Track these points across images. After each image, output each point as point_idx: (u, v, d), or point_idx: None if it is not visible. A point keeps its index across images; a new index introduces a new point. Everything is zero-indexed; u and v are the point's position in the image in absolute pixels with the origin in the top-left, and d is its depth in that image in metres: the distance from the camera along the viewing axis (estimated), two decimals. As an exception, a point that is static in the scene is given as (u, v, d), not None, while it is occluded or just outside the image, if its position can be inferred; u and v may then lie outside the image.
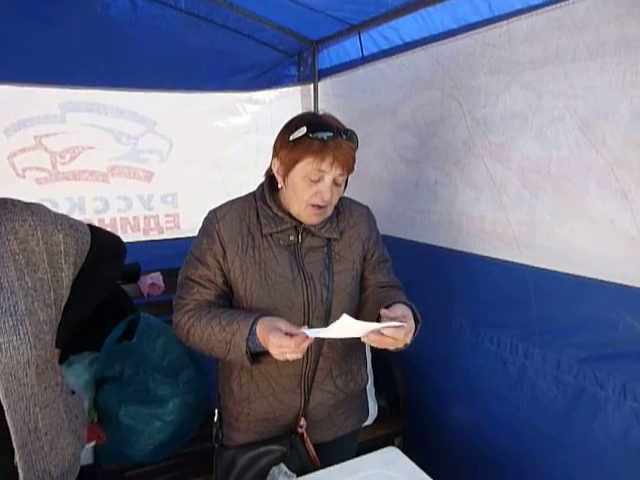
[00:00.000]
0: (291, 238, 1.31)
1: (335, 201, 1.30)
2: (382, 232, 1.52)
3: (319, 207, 1.26)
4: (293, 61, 2.66)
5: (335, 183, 1.25)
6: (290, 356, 1.11)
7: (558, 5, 1.37)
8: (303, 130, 1.22)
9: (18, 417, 1.03)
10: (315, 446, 1.40)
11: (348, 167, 1.25)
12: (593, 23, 1.29)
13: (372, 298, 1.39)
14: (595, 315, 1.41)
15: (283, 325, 1.12)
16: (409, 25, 1.89)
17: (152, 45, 2.25)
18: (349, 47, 2.32)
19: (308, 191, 1.24)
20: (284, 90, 2.70)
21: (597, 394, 1.42)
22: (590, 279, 1.40)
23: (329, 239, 1.35)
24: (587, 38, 1.32)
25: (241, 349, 1.17)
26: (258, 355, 1.20)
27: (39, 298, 1.05)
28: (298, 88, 2.72)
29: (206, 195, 2.52)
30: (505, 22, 1.54)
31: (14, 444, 1.03)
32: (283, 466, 1.27)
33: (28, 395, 1.04)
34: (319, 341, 1.29)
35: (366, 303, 1.39)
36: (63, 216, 1.15)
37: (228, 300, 1.34)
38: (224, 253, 1.28)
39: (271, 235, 1.30)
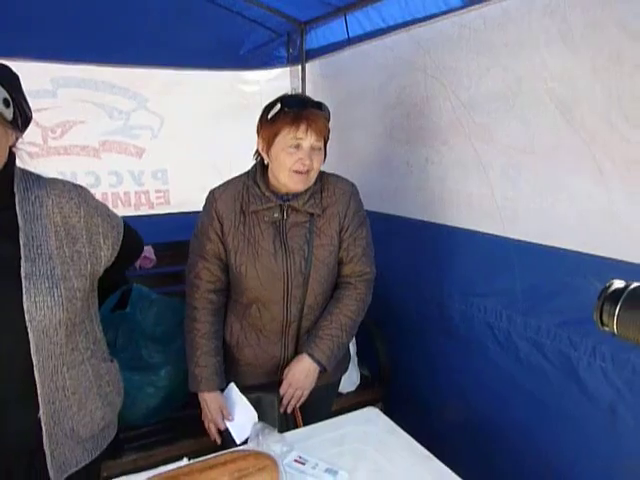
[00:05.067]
0: (275, 215, 1.45)
1: (317, 166, 1.43)
2: (374, 209, 1.64)
3: (302, 173, 1.40)
4: (282, 42, 2.70)
5: (313, 149, 1.40)
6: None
7: (529, -11, 1.43)
8: (278, 106, 1.38)
9: (46, 374, 1.11)
10: None
11: (322, 133, 1.40)
12: (561, 8, 1.36)
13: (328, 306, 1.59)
14: (570, 283, 1.49)
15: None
16: (392, 7, 1.95)
17: (143, 21, 2.27)
18: (335, 28, 2.36)
19: (289, 160, 1.38)
20: (273, 71, 2.74)
21: (571, 355, 1.52)
22: (567, 250, 1.49)
23: (312, 215, 1.48)
24: (557, 22, 1.38)
25: (190, 381, 1.54)
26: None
27: (75, 267, 1.14)
28: (287, 69, 2.76)
29: (196, 172, 2.57)
30: (479, 5, 1.59)
31: (39, 399, 1.10)
32: (264, 424, 1.37)
33: (57, 354, 1.12)
34: (301, 301, 1.50)
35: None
36: (103, 205, 1.25)
37: (228, 274, 1.53)
38: (222, 227, 1.46)
39: (257, 212, 1.45)
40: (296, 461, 1.25)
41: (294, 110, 1.36)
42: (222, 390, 1.53)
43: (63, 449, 1.17)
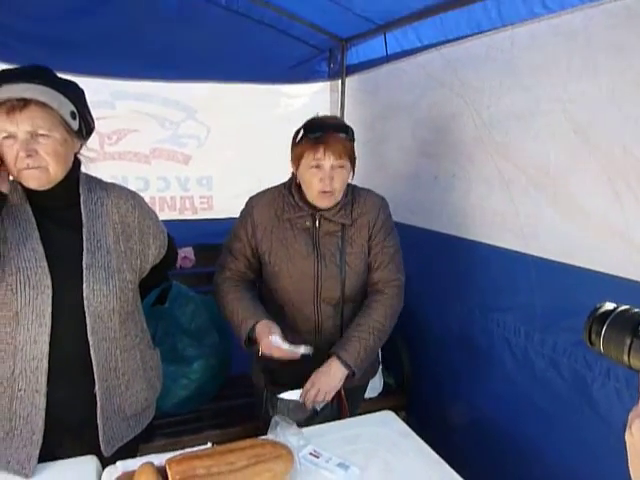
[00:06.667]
0: (307, 223, 1.59)
1: (340, 185, 1.54)
2: (402, 221, 1.72)
3: (326, 192, 1.52)
4: (324, 57, 2.80)
5: (333, 168, 1.51)
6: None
7: (557, 14, 1.48)
8: (302, 132, 1.53)
9: (101, 354, 1.25)
10: None
11: (341, 153, 1.51)
12: (587, 32, 1.39)
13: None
14: (587, 302, 1.47)
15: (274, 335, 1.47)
16: (427, 28, 2.03)
17: (194, 38, 2.39)
18: (375, 46, 2.45)
19: (314, 180, 1.52)
20: (315, 85, 2.85)
21: (586, 375, 1.53)
22: (584, 269, 1.50)
23: (343, 225, 1.60)
24: (581, 46, 1.42)
25: (241, 336, 1.55)
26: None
27: (127, 261, 1.29)
28: (328, 84, 2.86)
29: (239, 179, 2.70)
30: (510, 27, 1.64)
31: (95, 376, 1.25)
32: (283, 417, 1.43)
33: (111, 337, 1.27)
34: (333, 304, 1.62)
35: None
36: (154, 212, 1.42)
37: (254, 271, 1.67)
38: (254, 232, 1.61)
39: (290, 220, 1.59)
40: (311, 454, 1.32)
41: (314, 135, 1.50)
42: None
43: (111, 424, 1.31)
